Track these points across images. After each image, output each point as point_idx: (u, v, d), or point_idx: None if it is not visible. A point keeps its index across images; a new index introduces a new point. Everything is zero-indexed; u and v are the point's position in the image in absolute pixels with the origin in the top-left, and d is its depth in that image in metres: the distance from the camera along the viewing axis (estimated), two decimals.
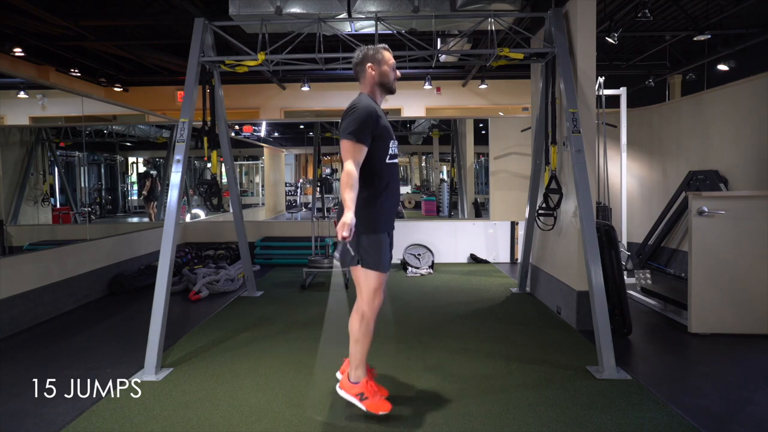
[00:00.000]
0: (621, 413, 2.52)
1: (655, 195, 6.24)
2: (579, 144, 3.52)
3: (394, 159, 2.48)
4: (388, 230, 2.50)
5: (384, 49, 2.50)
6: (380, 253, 2.40)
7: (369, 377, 2.52)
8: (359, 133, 2.27)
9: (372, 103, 2.41)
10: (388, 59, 2.48)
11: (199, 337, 3.78)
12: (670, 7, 6.53)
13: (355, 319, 2.49)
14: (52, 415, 2.57)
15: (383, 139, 2.39)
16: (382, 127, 2.38)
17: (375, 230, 2.38)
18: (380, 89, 2.50)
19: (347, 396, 2.50)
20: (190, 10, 5.29)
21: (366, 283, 2.42)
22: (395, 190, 2.50)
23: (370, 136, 2.31)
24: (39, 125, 6.95)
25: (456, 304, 4.67)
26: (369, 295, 2.43)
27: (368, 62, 2.46)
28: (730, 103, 5.04)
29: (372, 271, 2.40)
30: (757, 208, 3.65)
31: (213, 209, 6.08)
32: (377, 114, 2.37)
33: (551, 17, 3.93)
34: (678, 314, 4.11)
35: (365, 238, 2.38)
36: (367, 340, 2.48)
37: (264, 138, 12.17)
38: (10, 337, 3.83)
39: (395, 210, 2.53)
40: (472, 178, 9.15)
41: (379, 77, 2.47)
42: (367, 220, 2.36)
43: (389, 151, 2.44)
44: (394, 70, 2.51)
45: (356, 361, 2.49)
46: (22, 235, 6.10)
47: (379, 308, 2.48)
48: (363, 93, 2.48)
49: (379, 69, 2.46)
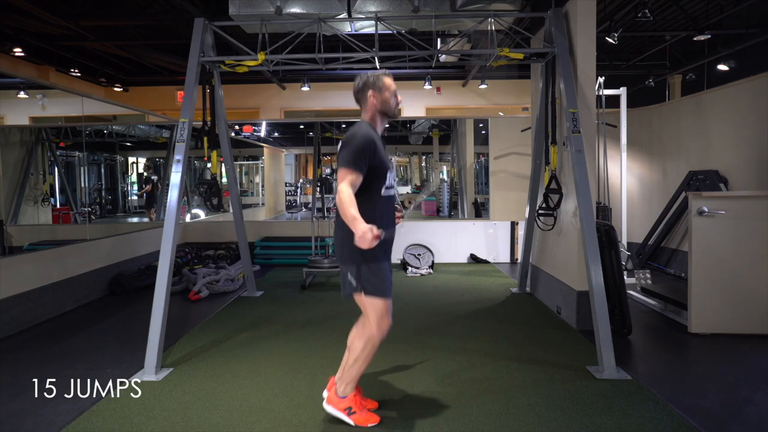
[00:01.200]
0: (621, 413, 2.52)
1: (655, 195, 6.24)
2: (579, 144, 3.52)
3: (390, 190, 2.44)
4: (388, 258, 2.45)
5: (385, 75, 2.47)
6: (383, 281, 2.37)
7: (357, 391, 2.51)
8: (357, 164, 2.26)
9: (371, 132, 2.37)
10: (389, 86, 2.45)
11: (199, 337, 3.78)
12: (670, 7, 6.53)
13: (359, 339, 2.43)
14: (52, 415, 2.57)
15: (380, 169, 2.35)
16: (379, 159, 2.35)
17: (376, 259, 2.35)
18: (381, 116, 2.47)
19: (334, 411, 2.47)
20: (190, 10, 5.29)
21: (373, 309, 2.38)
22: (391, 221, 2.46)
23: (366, 165, 2.29)
24: (39, 125, 6.95)
25: (456, 304, 4.67)
26: (376, 321, 2.38)
27: (369, 89, 2.42)
28: (730, 103, 5.04)
29: (377, 298, 2.37)
30: (757, 208, 3.65)
31: (213, 209, 6.08)
32: (375, 144, 2.33)
33: (551, 17, 3.93)
34: (678, 314, 4.11)
35: (366, 268, 2.34)
36: (368, 362, 2.45)
37: (264, 138, 12.17)
38: (10, 337, 3.83)
39: (392, 240, 2.47)
40: (472, 178, 9.15)
41: (381, 105, 2.43)
42: (367, 250, 2.28)
43: (386, 182, 2.40)
44: (396, 96, 2.48)
45: (349, 378, 2.45)
46: (22, 235, 6.10)
47: (388, 330, 2.43)
48: (363, 120, 2.45)
49: (381, 96, 2.42)
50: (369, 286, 2.35)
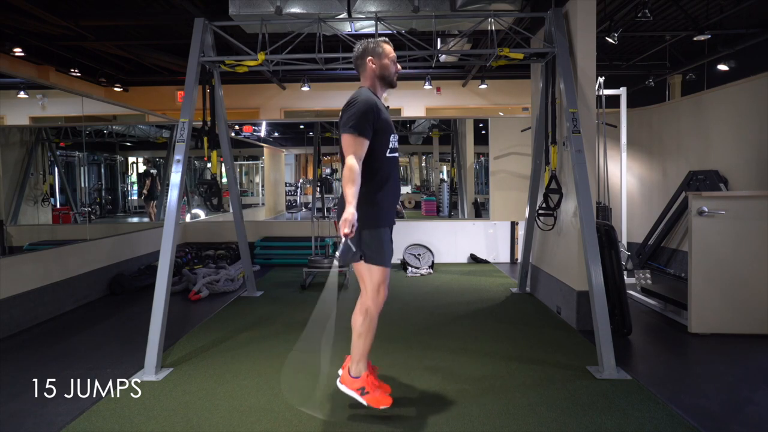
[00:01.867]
0: (621, 413, 2.52)
1: (655, 195, 6.24)
2: (579, 144, 3.52)
3: (394, 153, 2.46)
4: (389, 225, 2.48)
5: (384, 42, 2.47)
6: (382, 248, 2.38)
7: (370, 371, 2.50)
8: (360, 127, 2.24)
9: (372, 96, 2.40)
10: (388, 52, 2.46)
11: (199, 337, 3.78)
12: (670, 7, 6.53)
13: (359, 313, 2.47)
14: (52, 415, 2.57)
15: (384, 132, 2.38)
16: (383, 121, 2.37)
17: (376, 225, 2.36)
18: (381, 83, 2.48)
19: (348, 390, 2.46)
20: (190, 10, 5.29)
21: (370, 278, 2.40)
22: (396, 185, 2.48)
23: (371, 130, 2.29)
24: (39, 125, 6.95)
25: (456, 304, 4.67)
26: (373, 291, 2.41)
27: (369, 55, 2.45)
28: (730, 103, 5.04)
29: (375, 266, 2.38)
30: (757, 208, 3.65)
31: (213, 209, 6.08)
32: (378, 107, 2.36)
33: (551, 17, 3.93)
34: (678, 314, 4.11)
35: (367, 233, 2.35)
36: (371, 335, 2.45)
37: (264, 138, 12.17)
38: (10, 337, 3.83)
39: (396, 204, 2.51)
40: (472, 178, 9.15)
41: (380, 70, 2.45)
42: (368, 216, 2.32)
43: (390, 145, 2.42)
44: (395, 63, 2.49)
45: (357, 355, 2.46)
46: (22, 235, 6.10)
47: (384, 303, 2.46)
48: (363, 87, 2.47)
49: (380, 62, 2.44)
50: (368, 252, 2.36)
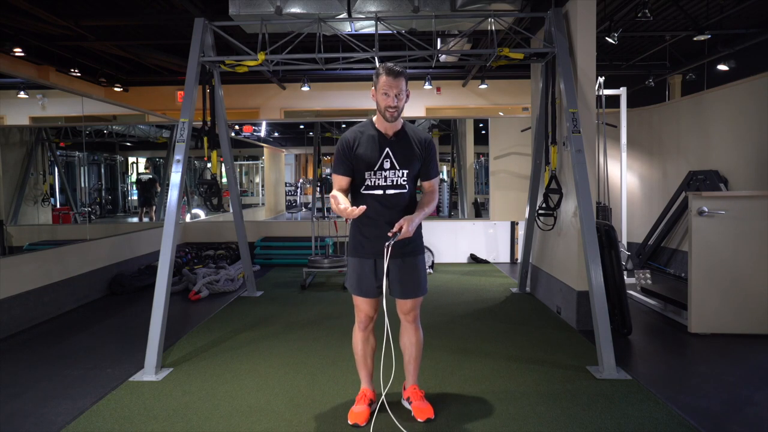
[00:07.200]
0: (621, 413, 2.52)
1: (655, 195, 6.24)
2: (579, 144, 3.52)
3: (374, 190, 2.31)
4: (374, 257, 2.35)
5: (385, 71, 2.23)
6: (351, 274, 2.44)
7: (365, 390, 2.57)
8: (335, 165, 2.34)
9: (352, 132, 2.33)
10: (381, 84, 2.23)
11: (199, 337, 3.78)
12: (670, 7, 6.53)
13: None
14: (52, 415, 2.57)
15: (359, 170, 2.30)
16: (357, 156, 2.28)
17: (353, 254, 2.43)
18: (382, 114, 2.31)
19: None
20: (190, 10, 5.28)
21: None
22: (376, 221, 2.32)
23: (344, 166, 2.30)
24: (39, 125, 6.94)
25: (456, 304, 4.67)
26: (356, 312, 2.52)
27: (373, 85, 2.31)
28: (730, 103, 5.04)
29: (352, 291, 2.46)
30: (757, 208, 3.65)
31: (213, 209, 6.08)
32: (350, 144, 2.29)
33: (551, 17, 3.93)
34: (678, 314, 4.10)
35: (348, 260, 2.49)
36: (356, 353, 2.55)
37: (264, 138, 12.16)
38: (10, 337, 3.83)
39: (380, 239, 2.27)
40: (472, 178, 9.15)
41: (377, 103, 2.29)
42: (349, 244, 2.45)
43: (367, 182, 2.31)
44: (389, 95, 2.23)
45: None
46: (22, 235, 6.10)
47: (362, 328, 2.49)
48: (368, 119, 2.41)
49: (376, 94, 2.28)
50: (347, 278, 2.49)
